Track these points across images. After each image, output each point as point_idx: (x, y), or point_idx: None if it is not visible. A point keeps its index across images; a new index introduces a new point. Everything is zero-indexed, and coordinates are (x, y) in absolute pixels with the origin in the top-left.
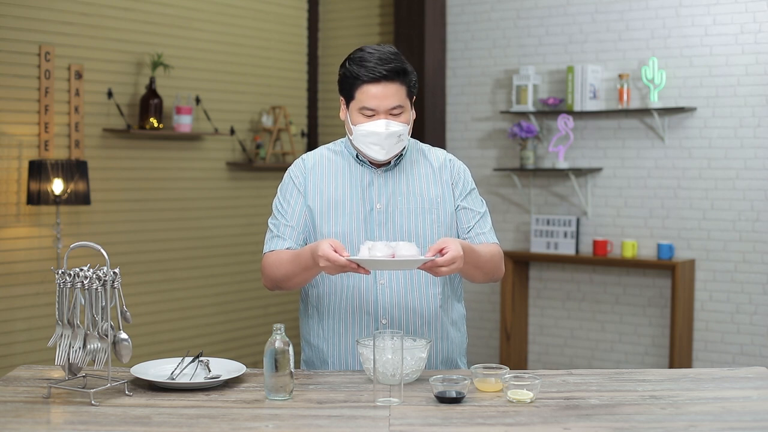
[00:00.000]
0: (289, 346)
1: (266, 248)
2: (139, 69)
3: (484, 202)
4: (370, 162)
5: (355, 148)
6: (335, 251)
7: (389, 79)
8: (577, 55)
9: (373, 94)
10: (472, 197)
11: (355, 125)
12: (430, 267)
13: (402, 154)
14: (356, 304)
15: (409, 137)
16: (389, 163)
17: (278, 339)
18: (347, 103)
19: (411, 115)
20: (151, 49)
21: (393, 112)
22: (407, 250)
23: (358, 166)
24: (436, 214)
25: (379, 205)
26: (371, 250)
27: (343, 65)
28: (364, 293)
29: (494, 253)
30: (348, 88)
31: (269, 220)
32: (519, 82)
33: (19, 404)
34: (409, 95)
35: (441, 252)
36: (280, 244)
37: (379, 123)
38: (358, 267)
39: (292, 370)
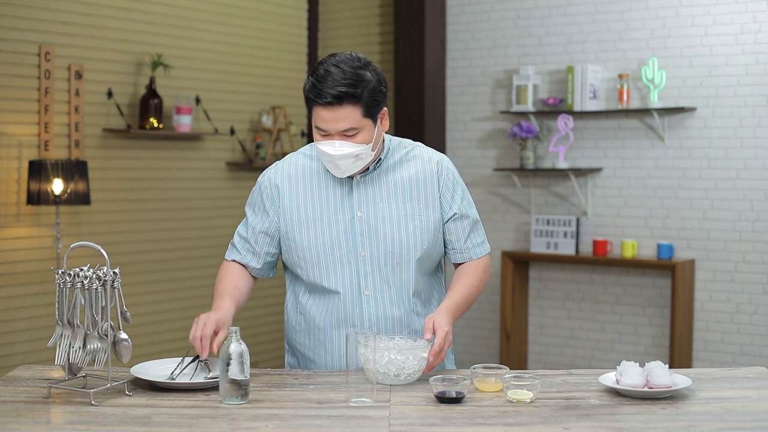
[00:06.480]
0: (243, 347)
1: (226, 254)
2: (139, 69)
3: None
4: None
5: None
6: (215, 332)
7: (337, 104)
8: (577, 55)
9: (323, 117)
10: (465, 202)
11: (315, 140)
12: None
13: (381, 158)
14: (341, 317)
15: (372, 152)
16: (368, 168)
17: (233, 342)
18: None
19: (376, 130)
20: (151, 49)
21: (346, 134)
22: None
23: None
24: (419, 220)
25: (360, 213)
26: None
27: (308, 75)
28: (349, 306)
29: (481, 280)
30: (306, 103)
31: (239, 225)
32: (519, 82)
33: (19, 404)
34: (369, 113)
35: (434, 332)
36: (233, 254)
37: (330, 144)
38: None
39: (247, 376)
